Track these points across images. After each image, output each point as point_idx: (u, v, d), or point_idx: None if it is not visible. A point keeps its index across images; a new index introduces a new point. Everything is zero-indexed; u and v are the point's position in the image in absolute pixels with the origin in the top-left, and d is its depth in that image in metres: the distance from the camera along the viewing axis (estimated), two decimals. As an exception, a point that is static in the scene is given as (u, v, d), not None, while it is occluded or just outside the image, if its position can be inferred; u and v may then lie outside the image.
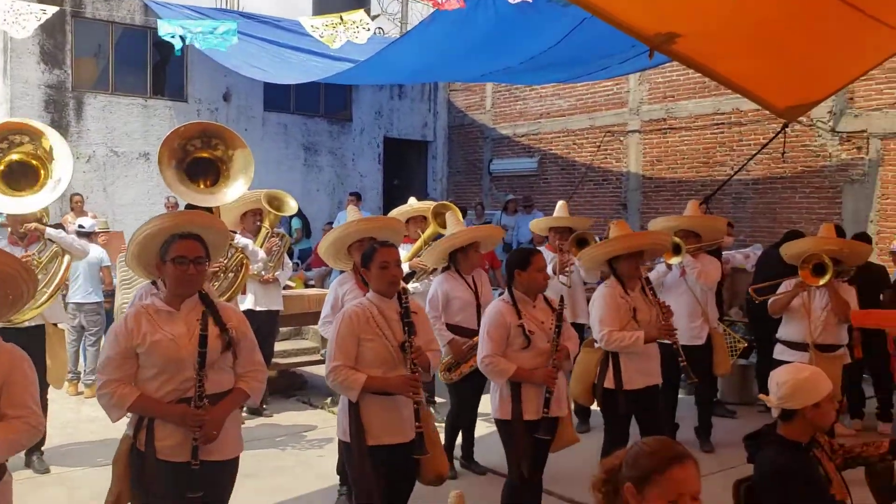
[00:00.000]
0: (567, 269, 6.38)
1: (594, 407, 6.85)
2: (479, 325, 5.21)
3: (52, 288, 5.38)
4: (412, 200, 6.98)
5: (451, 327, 5.37)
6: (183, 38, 9.69)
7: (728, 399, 7.41)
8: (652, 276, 5.74)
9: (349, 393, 3.48)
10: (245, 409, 6.85)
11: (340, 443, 3.69)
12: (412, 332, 3.53)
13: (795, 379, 2.98)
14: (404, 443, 3.54)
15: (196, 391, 3.03)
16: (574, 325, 6.28)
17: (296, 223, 13.54)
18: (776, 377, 3.03)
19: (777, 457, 2.94)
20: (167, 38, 9.75)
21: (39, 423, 2.73)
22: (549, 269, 6.30)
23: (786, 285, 5.64)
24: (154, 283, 3.76)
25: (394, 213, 6.87)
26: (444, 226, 6.13)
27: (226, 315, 3.19)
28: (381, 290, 3.58)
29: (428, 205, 6.83)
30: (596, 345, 4.86)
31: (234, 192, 5.67)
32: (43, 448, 5.44)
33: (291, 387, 7.95)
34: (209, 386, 3.07)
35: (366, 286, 3.74)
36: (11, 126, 5.49)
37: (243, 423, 6.51)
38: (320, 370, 7.87)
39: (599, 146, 13.85)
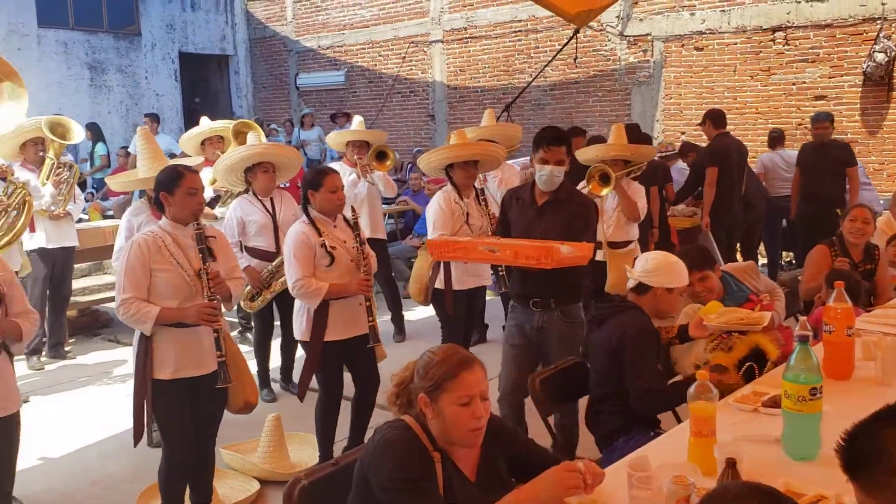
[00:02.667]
0: (368, 172, 6.40)
1: (409, 316, 7.11)
2: (277, 247, 5.22)
3: None
4: (205, 120, 6.66)
5: (252, 251, 5.28)
6: None
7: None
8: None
9: (142, 326, 3.32)
10: (45, 353, 6.48)
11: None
12: (207, 259, 3.43)
13: (666, 260, 3.24)
14: (207, 374, 3.46)
15: None
16: (373, 240, 6.41)
17: (101, 149, 12.60)
18: (647, 256, 3.29)
19: (640, 316, 3.19)
20: None
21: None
22: (353, 176, 6.34)
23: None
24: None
25: (187, 135, 6.54)
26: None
27: None
28: (184, 217, 3.40)
29: (224, 124, 6.55)
30: None
31: (7, 121, 5.17)
32: None
33: (95, 325, 7.56)
34: None
35: (162, 213, 3.52)
36: None
37: (42, 368, 6.27)
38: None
39: (405, 57, 13.79)
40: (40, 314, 6.37)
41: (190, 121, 14.82)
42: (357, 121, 6.83)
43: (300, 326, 4.10)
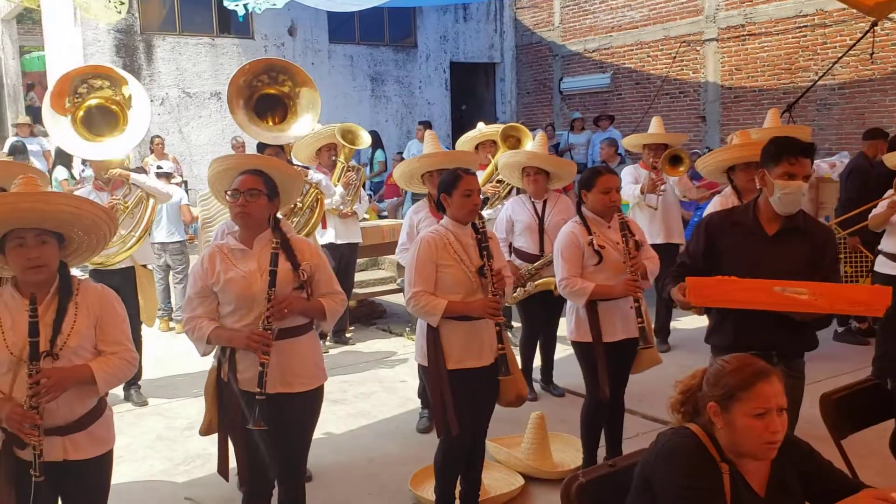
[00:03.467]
0: (658, 189, 6.24)
1: (679, 325, 6.85)
2: (541, 249, 5.26)
3: (139, 231, 5.50)
4: (480, 125, 6.89)
5: (516, 251, 5.38)
6: (245, 7, 9.97)
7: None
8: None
9: (430, 318, 3.50)
10: (329, 338, 7.06)
11: (419, 367, 3.76)
12: (490, 257, 3.54)
13: None
14: (485, 366, 3.58)
15: (264, 322, 3.04)
16: (668, 245, 6.22)
17: (379, 156, 13.52)
18: None
19: None
20: (230, 6, 9.97)
21: (133, 357, 2.85)
22: (638, 189, 6.23)
23: (884, 204, 5.36)
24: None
25: (463, 139, 6.79)
26: (514, 149, 6.07)
27: (299, 250, 3.23)
28: (462, 217, 3.58)
29: (497, 128, 6.72)
30: None
31: (303, 128, 5.71)
32: (140, 381, 5.71)
33: (371, 315, 8.12)
34: (280, 321, 3.12)
35: (440, 213, 3.71)
36: (92, 70, 5.60)
37: (327, 352, 6.83)
38: (398, 298, 8.01)
39: (675, 57, 13.36)
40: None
41: (457, 128, 15.46)
42: (654, 121, 6.59)
43: (569, 326, 4.09)
